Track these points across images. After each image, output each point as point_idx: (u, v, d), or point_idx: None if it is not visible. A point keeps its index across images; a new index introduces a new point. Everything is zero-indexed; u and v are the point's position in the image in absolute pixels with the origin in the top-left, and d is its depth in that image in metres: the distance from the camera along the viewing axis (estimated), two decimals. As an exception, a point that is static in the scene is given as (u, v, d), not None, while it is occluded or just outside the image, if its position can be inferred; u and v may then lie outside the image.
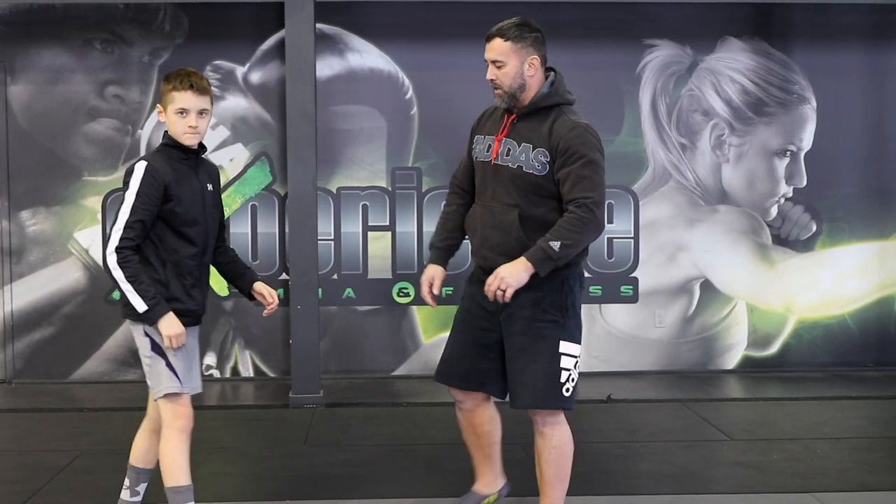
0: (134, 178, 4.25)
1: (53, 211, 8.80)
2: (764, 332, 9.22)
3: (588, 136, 4.35)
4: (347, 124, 8.90)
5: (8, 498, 5.41)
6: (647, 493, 5.44)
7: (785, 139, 9.11)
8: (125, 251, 4.20)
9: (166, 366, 4.32)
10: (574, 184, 4.25)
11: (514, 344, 4.42)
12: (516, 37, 4.43)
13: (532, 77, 4.47)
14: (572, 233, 4.19)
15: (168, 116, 4.40)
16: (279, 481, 5.75)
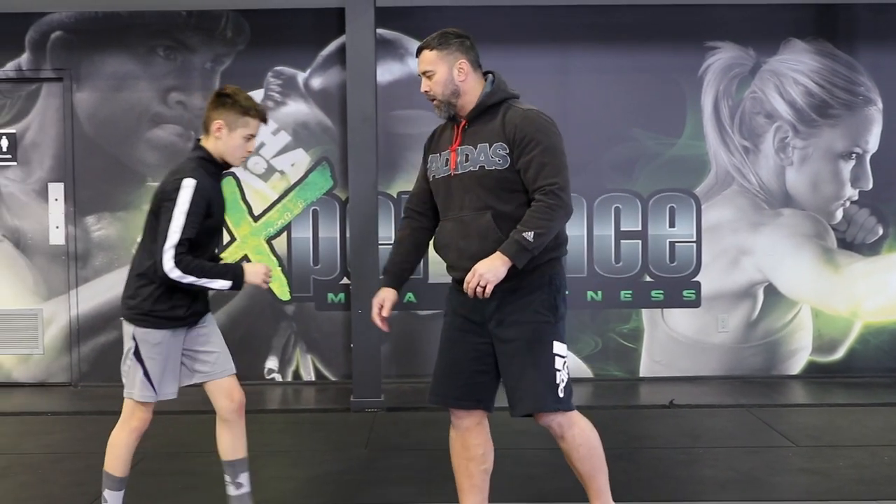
0: (183, 197, 4.31)
1: (118, 216, 8.90)
2: (829, 337, 9.10)
3: (541, 121, 4.28)
4: (408, 129, 8.91)
5: (74, 499, 5.48)
6: (711, 500, 5.39)
7: (850, 141, 8.99)
8: (182, 258, 4.29)
9: (143, 375, 4.48)
10: (537, 171, 4.17)
11: (508, 350, 4.29)
12: (440, 44, 4.39)
13: (464, 82, 4.39)
14: (543, 220, 4.10)
15: (230, 136, 4.47)
16: (340, 485, 5.76)
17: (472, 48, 4.48)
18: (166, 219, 4.30)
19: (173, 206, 4.30)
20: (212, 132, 4.49)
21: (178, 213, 4.29)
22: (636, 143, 8.96)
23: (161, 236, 4.29)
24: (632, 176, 8.96)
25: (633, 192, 8.96)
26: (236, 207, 8.90)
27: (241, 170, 8.87)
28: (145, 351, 4.44)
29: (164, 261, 4.26)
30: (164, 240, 4.28)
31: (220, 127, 4.47)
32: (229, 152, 4.49)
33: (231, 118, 4.46)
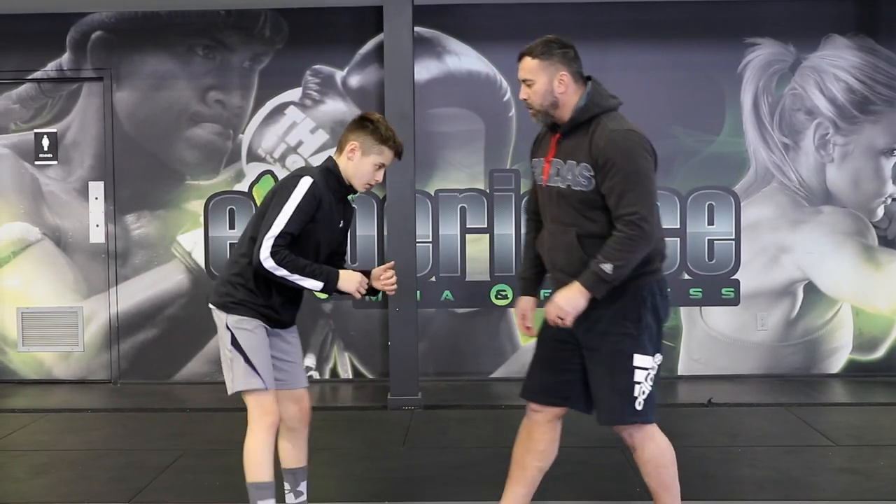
0: (297, 191, 4.30)
1: (157, 214, 8.96)
2: (870, 336, 9.02)
3: (627, 143, 4.20)
4: (445, 127, 8.91)
5: (114, 495, 5.53)
6: (750, 499, 5.36)
7: (892, 138, 8.90)
8: (279, 251, 4.26)
9: (245, 363, 4.38)
10: (618, 199, 4.12)
11: (593, 358, 4.33)
12: (543, 54, 4.35)
13: (563, 94, 4.34)
14: (623, 252, 4.07)
15: (362, 160, 4.46)
16: (377, 483, 5.77)
17: (575, 59, 4.41)
18: (275, 210, 4.30)
19: (285, 199, 4.30)
20: (345, 151, 4.47)
21: (287, 206, 4.28)
22: (675, 140, 8.92)
23: (266, 225, 4.28)
24: (670, 173, 8.92)
25: (672, 190, 8.92)
26: (274, 205, 8.93)
27: (279, 168, 8.91)
28: (243, 339, 4.37)
29: (261, 248, 4.25)
30: (268, 229, 4.27)
31: (355, 149, 4.46)
32: (357, 175, 4.49)
33: (368, 143, 4.46)
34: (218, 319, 4.46)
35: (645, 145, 4.24)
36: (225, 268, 4.56)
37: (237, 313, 4.38)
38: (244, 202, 8.93)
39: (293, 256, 4.28)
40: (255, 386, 4.37)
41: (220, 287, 4.47)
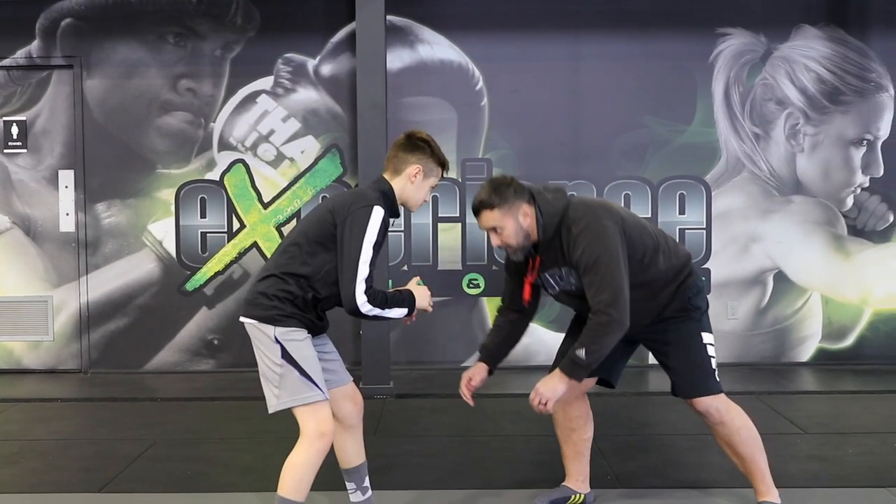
0: (372, 225, 4.14)
1: (128, 203, 8.92)
2: (839, 325, 9.09)
3: (587, 239, 4.44)
4: (418, 116, 8.90)
5: (85, 485, 5.50)
6: (720, 486, 5.39)
7: (861, 128, 8.96)
8: (370, 291, 4.14)
9: (300, 375, 4.16)
10: (589, 290, 4.42)
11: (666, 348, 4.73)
12: (501, 202, 4.52)
13: (531, 223, 4.56)
14: (593, 339, 4.37)
15: (422, 182, 4.38)
16: (350, 471, 5.77)
17: (521, 187, 4.58)
18: (355, 247, 4.13)
19: (362, 234, 4.13)
20: (407, 174, 4.35)
21: (367, 243, 4.12)
22: (647, 129, 8.94)
23: (349, 267, 4.11)
24: (642, 163, 8.95)
25: (644, 179, 8.95)
26: (246, 195, 8.91)
27: (251, 156, 8.88)
28: (295, 350, 4.16)
29: (356, 294, 4.09)
30: (355, 272, 4.10)
31: (419, 172, 4.35)
32: (415, 198, 4.40)
33: (429, 165, 4.38)
34: (260, 333, 4.22)
35: (603, 229, 4.45)
36: (264, 280, 4.31)
37: (285, 325, 4.18)
38: (216, 191, 8.90)
39: (382, 293, 4.19)
40: (313, 398, 4.17)
41: (262, 300, 4.24)
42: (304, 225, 4.32)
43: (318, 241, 4.21)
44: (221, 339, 8.98)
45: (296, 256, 4.22)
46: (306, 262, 4.20)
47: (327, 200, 4.37)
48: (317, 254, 4.20)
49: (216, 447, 6.36)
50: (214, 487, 5.45)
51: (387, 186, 4.35)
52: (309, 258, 4.21)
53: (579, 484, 5.08)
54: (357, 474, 4.69)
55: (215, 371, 8.95)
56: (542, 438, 6.42)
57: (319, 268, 4.20)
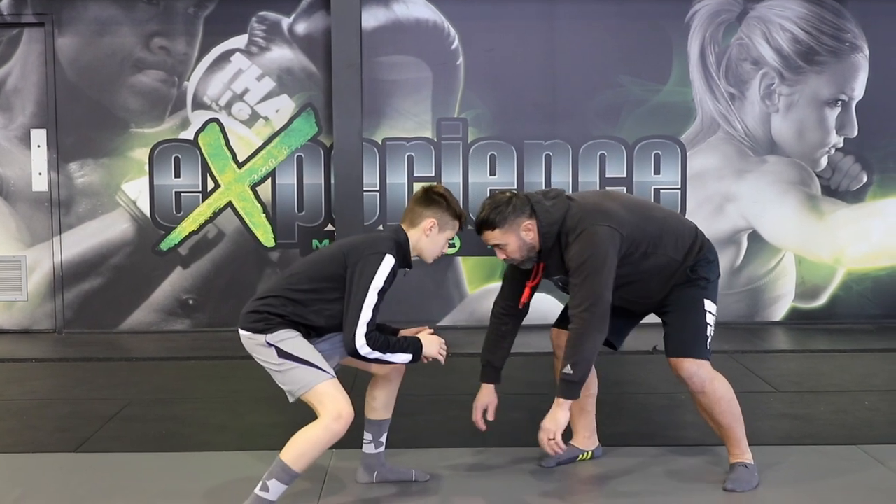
0: (381, 273, 4.27)
1: (101, 163, 8.86)
2: (812, 284, 9.14)
3: (576, 245, 4.52)
4: (393, 75, 8.86)
5: (60, 445, 5.50)
6: (692, 444, 5.43)
7: (836, 88, 8.98)
8: (371, 335, 4.26)
9: (303, 364, 4.26)
10: (571, 293, 4.54)
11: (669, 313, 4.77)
12: (501, 221, 4.58)
13: (533, 237, 4.63)
14: (576, 349, 4.43)
15: (435, 236, 4.46)
16: (325, 430, 5.78)
17: (520, 202, 4.62)
18: (361, 292, 4.25)
19: (370, 280, 4.26)
20: (422, 228, 4.44)
21: (372, 289, 4.25)
22: (622, 89, 8.94)
23: (353, 310, 4.23)
24: (617, 123, 8.95)
25: (619, 139, 8.95)
26: (220, 154, 8.87)
27: (225, 116, 8.83)
28: (289, 346, 4.26)
29: (356, 337, 4.23)
30: (357, 315, 4.23)
31: (433, 226, 4.44)
32: (430, 251, 4.49)
33: (444, 219, 4.46)
34: (253, 342, 4.33)
35: (595, 235, 4.50)
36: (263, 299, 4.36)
37: (274, 331, 4.28)
38: (190, 150, 8.85)
39: (384, 337, 4.30)
40: (317, 381, 4.25)
41: (254, 315, 4.32)
42: (316, 258, 4.46)
43: (327, 277, 4.32)
44: (196, 299, 8.97)
45: (299, 283, 4.33)
46: (307, 291, 4.31)
47: (344, 241, 4.50)
48: (320, 289, 4.31)
49: (191, 407, 6.36)
50: (189, 446, 5.45)
51: (403, 237, 4.46)
52: (312, 290, 4.31)
53: (586, 441, 5.15)
54: (378, 427, 4.79)
55: (190, 331, 8.94)
56: (515, 397, 6.45)
57: (319, 301, 4.31)
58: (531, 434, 5.53)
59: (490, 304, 5.04)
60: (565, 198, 4.67)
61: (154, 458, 5.25)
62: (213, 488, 4.72)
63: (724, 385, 4.75)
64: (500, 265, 8.77)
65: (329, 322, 4.35)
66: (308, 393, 4.26)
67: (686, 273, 4.72)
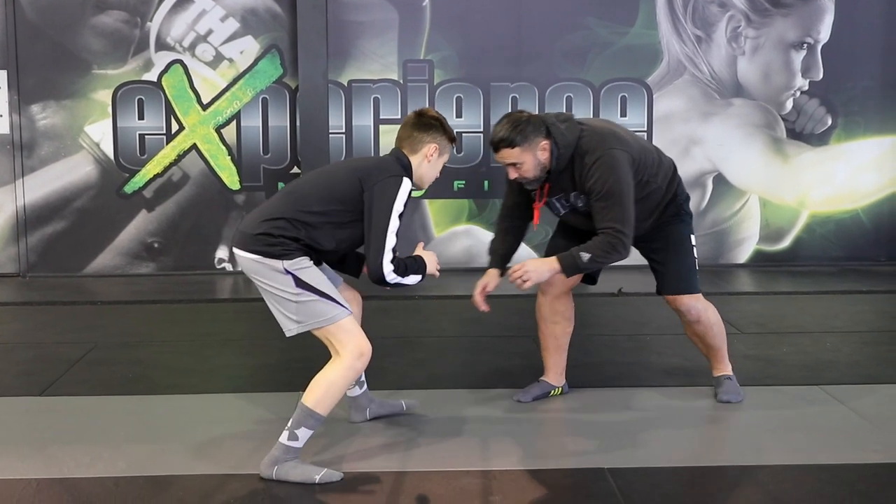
0: (400, 197, 4.21)
1: (63, 105, 8.76)
2: (776, 227, 9.21)
3: (597, 169, 4.62)
4: (359, 16, 8.79)
5: (25, 388, 5.48)
6: (657, 385, 5.48)
7: (802, 31, 8.98)
8: (395, 260, 4.22)
9: (320, 296, 4.17)
10: (599, 215, 4.64)
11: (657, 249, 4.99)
12: (522, 140, 4.62)
13: (547, 156, 4.69)
14: (602, 252, 4.60)
15: (436, 161, 4.42)
16: (292, 372, 5.79)
17: (538, 122, 4.67)
18: (384, 218, 4.18)
19: (391, 205, 4.18)
20: (423, 153, 4.36)
21: (394, 214, 4.19)
22: (589, 31, 8.91)
23: (377, 237, 4.17)
24: (584, 65, 8.93)
25: (585, 81, 8.94)
26: (184, 96, 8.79)
27: (189, 57, 8.74)
28: (307, 276, 4.16)
29: (383, 264, 4.18)
30: (383, 242, 4.18)
31: (436, 150, 4.39)
32: (429, 176, 4.44)
33: (443, 143, 4.42)
34: (264, 267, 4.18)
35: (615, 159, 4.63)
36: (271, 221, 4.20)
37: (292, 257, 4.17)
38: (153, 92, 8.77)
39: (402, 261, 4.27)
40: (339, 316, 4.18)
41: (267, 238, 4.17)
42: (327, 180, 4.31)
43: (341, 200, 4.22)
44: (162, 243, 8.93)
45: (310, 206, 4.22)
46: (319, 213, 4.21)
47: (353, 164, 4.40)
48: (332, 211, 4.22)
49: (157, 350, 6.35)
50: (156, 389, 5.45)
51: (406, 161, 4.38)
52: (324, 214, 4.22)
53: (557, 377, 5.26)
54: None
55: (156, 274, 8.91)
56: (484, 339, 6.48)
57: (332, 226, 4.23)
58: (501, 377, 5.58)
59: (457, 247, 5.13)
60: (576, 122, 4.76)
61: (120, 401, 5.24)
62: (179, 431, 4.73)
63: (715, 312, 5.09)
64: (467, 208, 8.78)
65: (339, 246, 4.30)
66: (326, 328, 4.20)
67: (675, 207, 4.94)
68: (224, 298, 8.16)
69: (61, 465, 4.29)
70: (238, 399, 5.32)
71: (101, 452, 4.41)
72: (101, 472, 4.20)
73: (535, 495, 3.98)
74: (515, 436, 4.67)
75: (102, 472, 4.20)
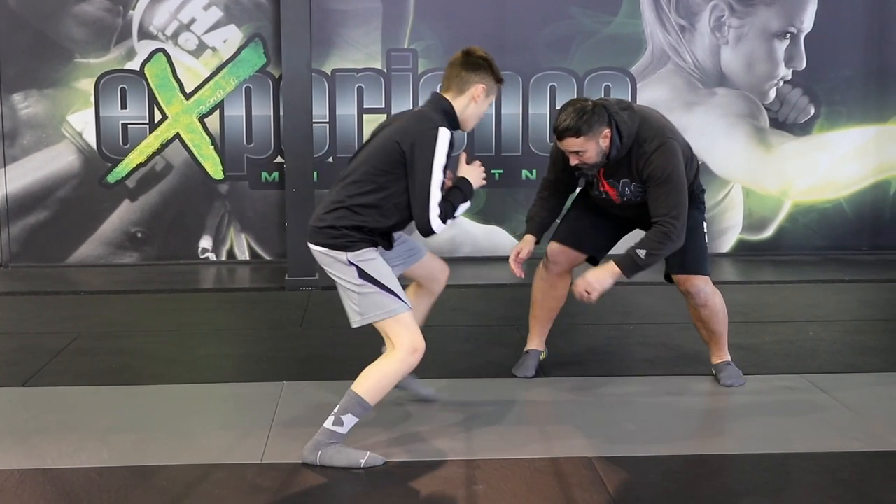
0: (440, 147, 4.15)
1: (46, 94, 8.72)
2: (759, 216, 9.23)
3: (658, 156, 4.74)
4: (342, 5, 8.77)
5: (8, 379, 5.46)
6: (641, 374, 5.50)
7: (785, 21, 9.00)
8: (441, 210, 4.19)
9: (381, 290, 4.20)
10: (656, 203, 4.77)
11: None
12: (587, 129, 4.70)
13: (608, 143, 4.78)
14: (657, 244, 4.75)
15: (482, 101, 4.38)
16: (276, 363, 5.80)
17: (601, 110, 4.74)
18: (426, 172, 4.14)
19: (431, 157, 4.13)
20: (470, 94, 4.33)
21: (437, 167, 4.14)
22: (573, 20, 8.91)
23: (421, 193, 4.14)
24: (568, 54, 8.93)
25: (569, 71, 8.94)
26: (167, 85, 8.75)
27: (171, 46, 8.71)
28: (371, 268, 4.20)
29: (430, 219, 4.16)
30: (427, 198, 4.14)
31: (483, 91, 4.36)
32: (474, 117, 4.41)
33: (490, 84, 4.38)
34: (331, 259, 4.24)
35: (673, 149, 4.79)
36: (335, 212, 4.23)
37: (356, 249, 4.20)
38: (136, 81, 8.73)
39: (447, 203, 4.22)
40: (398, 310, 4.21)
41: (331, 231, 4.22)
42: (369, 154, 4.28)
43: (387, 169, 4.19)
44: (145, 232, 8.90)
45: (365, 187, 4.21)
46: (376, 192, 4.20)
47: (387, 127, 4.35)
48: (386, 183, 4.20)
49: (140, 340, 6.34)
50: (139, 380, 5.44)
51: (447, 105, 4.34)
52: (378, 188, 4.20)
53: (542, 343, 5.49)
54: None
55: (139, 264, 8.89)
56: (467, 329, 6.49)
57: (390, 197, 4.20)
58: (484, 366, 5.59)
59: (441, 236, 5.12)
60: (634, 109, 4.86)
61: (104, 391, 5.23)
62: (163, 421, 4.72)
63: (721, 299, 5.21)
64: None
65: (404, 213, 4.25)
66: (385, 321, 4.22)
67: (693, 197, 5.03)
68: (208, 288, 8.14)
69: (44, 455, 4.28)
70: (222, 389, 5.32)
71: (84, 443, 4.41)
72: (85, 462, 4.20)
73: (520, 484, 3.99)
74: (500, 424, 4.68)
75: (86, 462, 4.20)
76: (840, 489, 3.90)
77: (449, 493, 3.88)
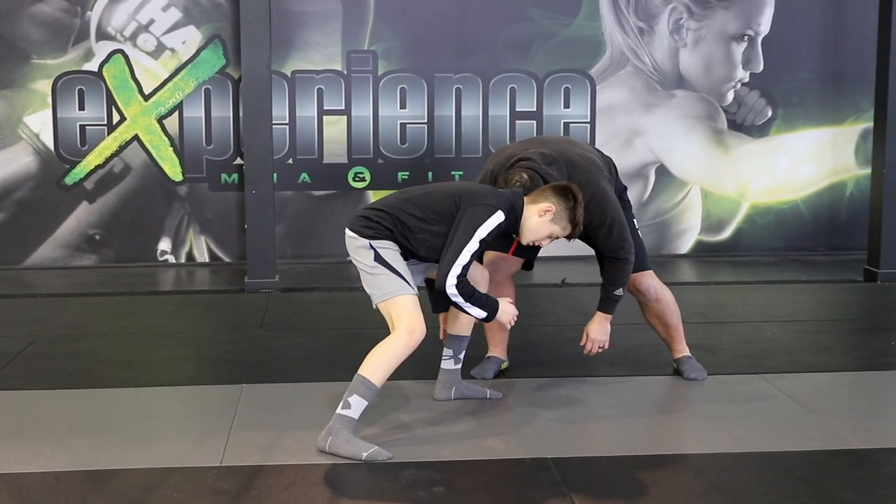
0: (488, 224, 4.41)
1: (2, 95, 8.65)
2: (717, 217, 9.30)
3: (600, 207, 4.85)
4: (302, 6, 8.76)
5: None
6: (600, 375, 5.52)
7: (743, 23, 9.07)
8: (461, 280, 4.40)
9: (390, 272, 4.43)
10: (605, 243, 4.96)
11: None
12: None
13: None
14: (624, 275, 5.03)
15: (547, 224, 4.55)
16: (235, 365, 5.78)
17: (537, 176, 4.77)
18: (465, 237, 4.39)
19: (476, 228, 4.39)
20: (539, 208, 4.52)
21: (476, 236, 4.39)
22: (532, 22, 8.93)
23: (453, 251, 4.39)
24: (527, 56, 8.95)
25: (529, 73, 8.96)
26: (126, 86, 8.70)
27: (130, 47, 8.66)
28: (386, 254, 4.44)
29: (448, 276, 4.39)
30: (456, 257, 4.38)
31: (549, 211, 4.52)
32: (532, 232, 4.59)
33: (561, 216, 4.53)
34: (356, 242, 4.50)
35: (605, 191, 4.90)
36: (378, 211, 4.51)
37: (378, 238, 4.46)
38: (94, 82, 8.68)
39: (470, 286, 4.46)
40: (403, 291, 4.41)
41: (366, 222, 4.49)
42: (434, 190, 4.58)
43: (437, 212, 4.47)
44: (103, 234, 8.84)
45: (412, 209, 4.48)
46: (421, 221, 4.47)
47: (464, 185, 4.68)
48: (428, 219, 4.47)
49: (99, 343, 6.30)
50: (97, 383, 5.40)
51: (520, 203, 4.55)
52: (424, 220, 4.47)
53: (504, 352, 5.56)
54: (459, 343, 5.00)
55: (97, 266, 8.83)
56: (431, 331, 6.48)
57: (427, 233, 4.47)
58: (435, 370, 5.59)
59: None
60: (558, 160, 4.88)
61: (61, 395, 5.19)
62: (121, 424, 4.69)
63: (668, 291, 5.40)
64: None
65: (428, 254, 4.52)
66: (387, 301, 4.43)
67: (622, 197, 5.18)
68: (166, 291, 8.10)
69: (1, 460, 4.24)
70: (181, 392, 5.29)
71: (42, 447, 4.37)
72: (43, 466, 4.16)
73: (479, 485, 3.99)
74: (458, 426, 4.68)
75: (43, 466, 4.16)
76: (797, 487, 3.93)
77: (409, 495, 3.88)
